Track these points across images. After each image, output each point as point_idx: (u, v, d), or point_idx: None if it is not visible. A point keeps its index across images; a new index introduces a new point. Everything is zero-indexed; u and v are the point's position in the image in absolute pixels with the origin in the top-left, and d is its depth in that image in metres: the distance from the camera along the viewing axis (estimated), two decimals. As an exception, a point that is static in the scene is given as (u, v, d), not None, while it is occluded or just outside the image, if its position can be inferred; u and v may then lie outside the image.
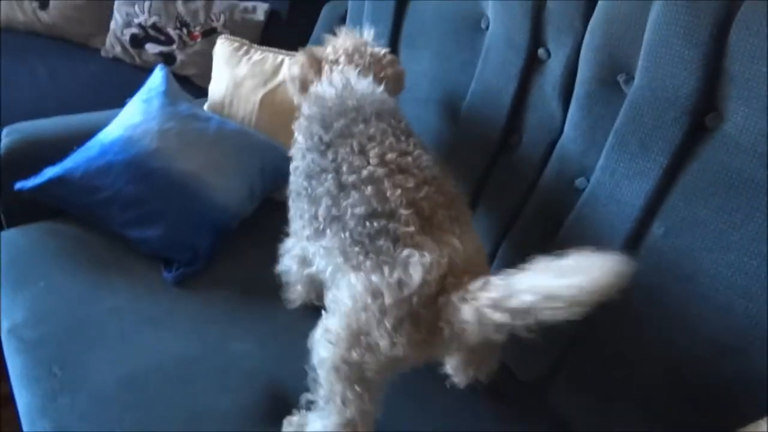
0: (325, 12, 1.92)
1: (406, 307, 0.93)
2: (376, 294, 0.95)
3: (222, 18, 2.00)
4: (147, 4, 2.01)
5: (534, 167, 1.34)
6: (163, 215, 1.45)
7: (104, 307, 1.32)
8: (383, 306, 0.94)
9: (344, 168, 1.05)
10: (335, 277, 1.04)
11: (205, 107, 1.74)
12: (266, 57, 1.74)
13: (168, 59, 2.03)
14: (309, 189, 1.11)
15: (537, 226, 1.32)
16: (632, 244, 1.15)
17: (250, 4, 2.02)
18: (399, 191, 1.01)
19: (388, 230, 0.97)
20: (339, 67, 1.29)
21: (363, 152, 1.06)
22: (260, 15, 2.01)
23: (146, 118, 1.52)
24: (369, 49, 1.33)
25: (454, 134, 1.50)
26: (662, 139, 1.09)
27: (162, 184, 1.45)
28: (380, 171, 1.03)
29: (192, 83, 2.03)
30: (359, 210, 1.00)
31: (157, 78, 1.63)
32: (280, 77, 1.70)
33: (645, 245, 1.13)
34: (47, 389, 1.15)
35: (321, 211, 1.06)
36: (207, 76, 1.93)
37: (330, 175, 1.07)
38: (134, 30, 2.03)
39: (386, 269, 0.95)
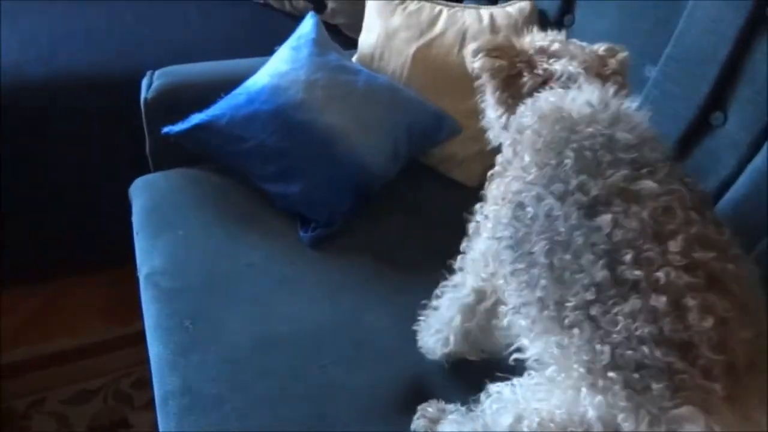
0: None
1: None
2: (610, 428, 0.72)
3: (377, -36, 1.87)
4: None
5: (740, 152, 1.11)
6: (304, 171, 1.37)
7: (240, 263, 1.27)
8: None
9: (623, 252, 0.75)
10: (557, 380, 0.79)
11: (354, 59, 1.63)
12: (423, 7, 1.59)
13: (318, 7, 1.94)
14: (545, 254, 0.81)
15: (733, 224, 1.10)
16: None
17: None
18: (710, 320, 0.70)
19: (673, 372, 0.69)
20: (556, 67, 0.99)
21: (657, 235, 0.75)
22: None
23: (294, 67, 1.43)
24: (578, 44, 1.05)
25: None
26: None
27: (305, 139, 1.37)
28: (684, 279, 0.72)
29: (341, 33, 1.93)
30: (638, 326, 0.71)
31: (307, 25, 1.54)
32: (437, 29, 1.55)
33: None
34: (179, 343, 1.11)
35: (570, 299, 0.77)
36: (357, 26, 1.81)
37: (596, 255, 0.76)
38: (286, -25, 1.96)
39: (645, 419, 0.69)
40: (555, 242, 0.80)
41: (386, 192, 1.46)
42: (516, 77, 1.02)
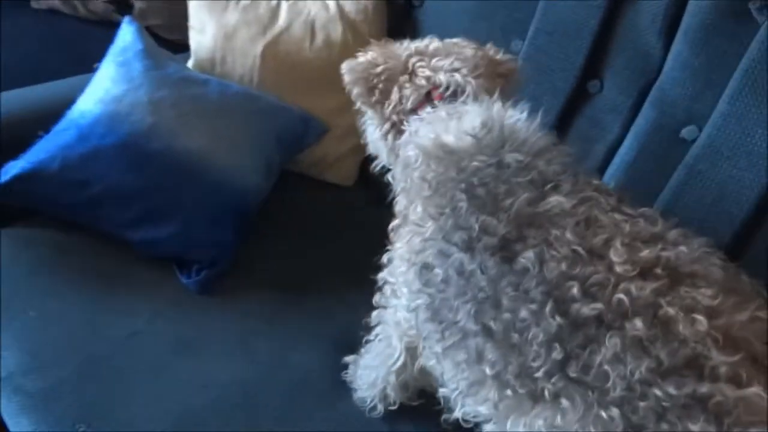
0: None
1: None
2: None
3: (186, -47, 1.65)
4: (88, -60, 1.62)
5: (622, 117, 1.14)
6: (173, 208, 1.16)
7: (120, 335, 1.05)
8: None
9: (567, 287, 0.64)
10: None
11: (189, 65, 1.42)
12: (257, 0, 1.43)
13: (123, 8, 1.66)
14: (474, 319, 0.69)
15: (630, 187, 1.15)
16: (767, 201, 0.99)
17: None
18: (700, 320, 0.60)
19: (701, 399, 0.57)
20: (440, 78, 0.90)
21: (593, 252, 0.65)
22: (233, -53, 1.67)
23: (130, 87, 1.20)
24: (464, 43, 0.96)
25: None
26: (813, 78, 0.92)
27: (166, 170, 1.16)
28: (647, 287, 0.62)
29: (157, 36, 1.68)
30: (632, 369, 0.60)
31: (128, 34, 1.29)
32: (280, 23, 1.40)
33: (785, 201, 0.98)
34: (79, 457, 0.89)
35: (536, 366, 0.64)
36: (174, 26, 1.60)
37: (537, 303, 0.64)
38: (76, -27, 1.64)
39: None
40: (480, 301, 0.69)
41: (263, 210, 1.31)
42: (393, 91, 0.93)
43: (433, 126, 0.84)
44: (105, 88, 1.20)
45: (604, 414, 0.61)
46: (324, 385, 1.02)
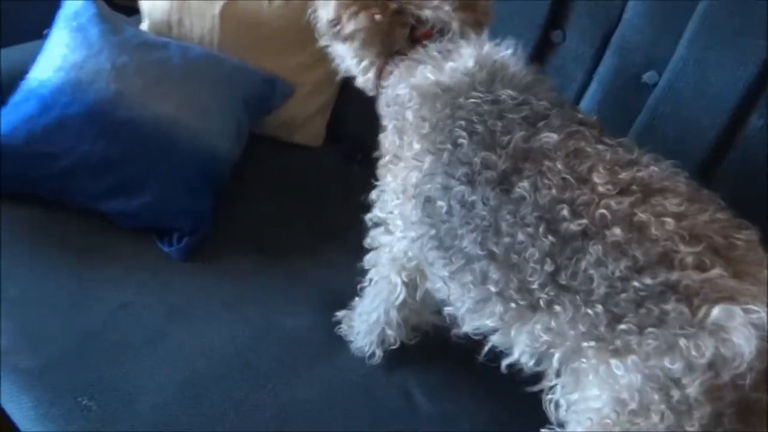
0: None
1: (728, 395, 0.64)
2: (667, 385, 0.65)
3: None
4: None
5: (585, 65, 1.19)
6: (147, 177, 1.14)
7: (110, 307, 1.04)
8: (685, 401, 0.64)
9: (557, 210, 0.71)
10: (569, 369, 0.73)
11: (144, 29, 1.37)
12: (211, -43, 1.38)
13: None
14: (479, 245, 0.75)
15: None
16: (725, 140, 1.06)
17: None
18: (669, 222, 0.68)
19: (673, 285, 0.66)
20: (426, 13, 0.90)
21: (580, 178, 0.72)
22: None
23: (90, 53, 1.16)
24: None
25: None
26: (766, 21, 0.98)
27: (137, 138, 1.13)
28: (625, 201, 0.70)
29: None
30: (612, 269, 0.68)
31: (78, -3, 1.24)
32: (237, -19, 1.36)
33: (741, 139, 1.05)
34: (84, 429, 0.89)
35: (533, 281, 0.72)
36: (121, -13, 1.52)
37: (533, 226, 0.72)
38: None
39: (684, 344, 0.64)
40: (483, 229, 0.75)
41: (236, 175, 1.30)
42: (386, 30, 0.92)
43: (426, 66, 0.87)
44: (62, 55, 1.15)
45: (590, 311, 0.69)
46: (318, 342, 1.05)
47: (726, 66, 1.03)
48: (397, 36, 0.93)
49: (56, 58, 1.16)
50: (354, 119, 1.40)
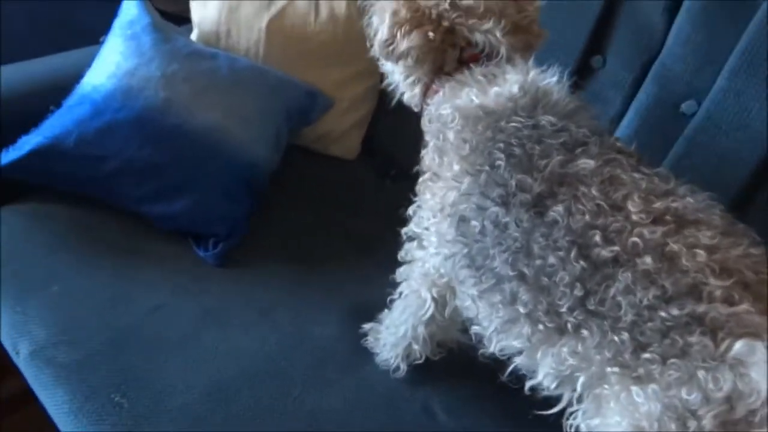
0: None
1: (741, 429, 0.64)
2: (685, 416, 0.65)
3: None
4: None
5: (624, 92, 1.19)
6: (190, 183, 1.18)
7: (145, 308, 1.07)
8: None
9: (590, 236, 0.72)
10: (592, 395, 0.74)
11: (194, 39, 1.42)
12: (262, -29, 1.43)
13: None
14: (510, 266, 0.77)
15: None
16: (763, 173, 1.05)
17: None
18: (701, 254, 0.69)
19: (699, 317, 0.66)
20: (477, 38, 0.90)
21: (615, 206, 0.73)
22: None
23: (141, 61, 1.20)
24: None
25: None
26: (809, 56, 0.98)
27: (182, 145, 1.17)
28: (658, 231, 0.71)
29: (155, 8, 1.66)
30: (640, 297, 0.68)
31: (133, 8, 1.29)
32: (285, -5, 1.40)
33: (778, 173, 1.05)
34: (117, 425, 0.92)
35: (562, 304, 0.73)
36: (173, -2, 1.58)
37: (564, 250, 0.73)
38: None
39: (703, 376, 0.64)
40: (515, 251, 0.76)
41: (272, 185, 1.33)
42: (437, 48, 0.93)
43: (471, 88, 0.88)
44: (115, 62, 1.20)
45: (616, 338, 0.70)
46: (346, 352, 1.06)
47: (766, 99, 1.02)
48: (448, 56, 0.94)
49: (110, 64, 1.21)
50: (388, 136, 1.42)
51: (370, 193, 1.40)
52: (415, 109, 1.02)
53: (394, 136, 1.44)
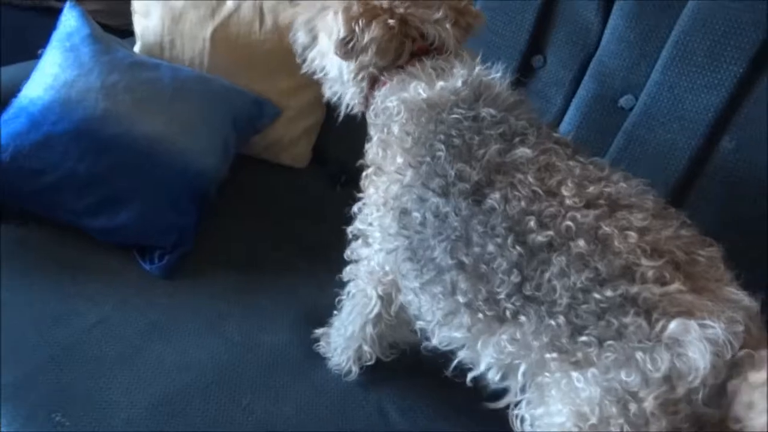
0: None
1: (683, 410, 0.64)
2: (625, 399, 0.65)
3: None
4: None
5: (564, 89, 1.21)
6: (133, 194, 1.16)
7: (88, 323, 1.04)
8: (642, 414, 0.65)
9: (525, 221, 0.73)
10: (533, 381, 0.74)
11: (136, 50, 1.40)
12: (203, -19, 1.42)
13: (58, -7, 1.61)
14: (449, 255, 0.77)
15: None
16: (698, 162, 1.08)
17: None
18: (632, 236, 0.70)
19: (633, 298, 0.67)
20: (428, 30, 0.91)
21: (549, 191, 0.74)
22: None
23: (81, 72, 1.18)
24: None
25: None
26: (736, 47, 1.01)
27: (124, 155, 1.15)
28: (590, 214, 0.71)
29: (98, 23, 1.63)
30: (574, 280, 0.69)
31: (72, 19, 1.27)
32: (229, 5, 1.39)
33: (713, 161, 1.07)
34: (57, 444, 0.89)
35: (500, 291, 0.73)
36: (116, 12, 1.57)
37: (501, 236, 0.73)
38: (6, -42, 1.57)
39: (641, 357, 0.65)
40: (454, 240, 0.77)
41: (221, 194, 1.31)
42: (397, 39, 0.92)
43: (420, 81, 0.88)
44: (53, 74, 1.18)
45: (552, 322, 0.70)
46: (297, 359, 1.05)
47: (699, 90, 1.05)
48: (405, 48, 0.93)
49: (48, 76, 1.18)
50: (338, 143, 1.42)
51: (321, 200, 1.39)
52: (358, 108, 1.01)
53: (344, 143, 1.43)
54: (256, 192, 1.38)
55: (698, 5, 1.03)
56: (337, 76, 1.00)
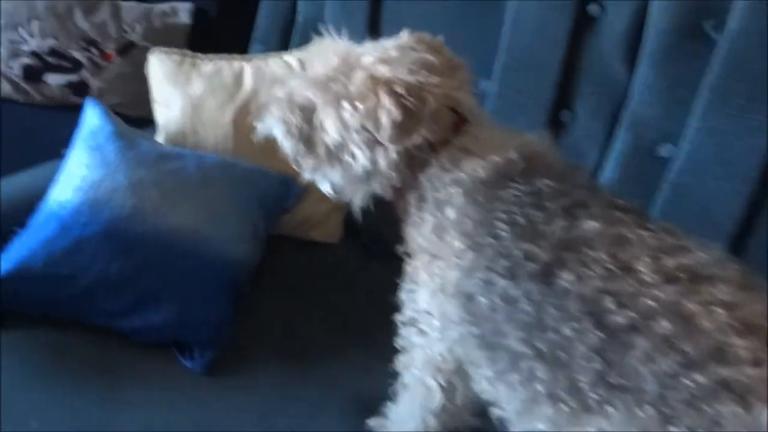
0: (266, 0, 1.61)
1: None
2: None
3: (138, 28, 1.61)
4: (36, 24, 1.57)
5: (598, 142, 1.19)
6: (166, 291, 1.12)
7: (138, 429, 1.00)
8: None
9: (602, 302, 0.68)
10: None
11: (160, 141, 1.39)
12: (220, 67, 1.42)
13: (80, 89, 1.61)
14: (524, 342, 0.72)
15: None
16: (752, 206, 1.04)
17: (167, 6, 1.65)
18: (719, 312, 0.65)
19: (726, 383, 0.61)
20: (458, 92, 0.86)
21: (625, 267, 0.69)
22: (185, 17, 1.65)
23: (107, 171, 1.17)
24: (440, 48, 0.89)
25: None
26: (779, 86, 0.98)
27: (154, 252, 1.12)
28: (670, 290, 0.67)
29: (118, 114, 1.64)
30: (661, 365, 0.64)
31: (94, 117, 1.26)
32: (247, 88, 1.39)
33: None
34: None
35: (583, 379, 0.68)
36: (136, 103, 1.57)
37: (578, 320, 0.69)
38: (26, 60, 1.58)
39: None
40: (528, 326, 0.72)
41: (256, 278, 1.28)
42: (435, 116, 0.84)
43: (473, 158, 0.83)
44: (81, 176, 1.17)
45: (641, 413, 0.64)
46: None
47: (743, 133, 1.02)
48: (446, 122, 0.86)
49: (75, 178, 1.17)
50: (370, 214, 1.39)
51: (359, 275, 1.35)
52: (388, 197, 0.93)
53: (376, 214, 1.41)
54: (291, 272, 1.35)
55: (729, 48, 1.00)
56: (366, 169, 0.87)
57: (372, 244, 1.36)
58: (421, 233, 0.87)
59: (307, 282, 1.33)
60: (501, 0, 1.22)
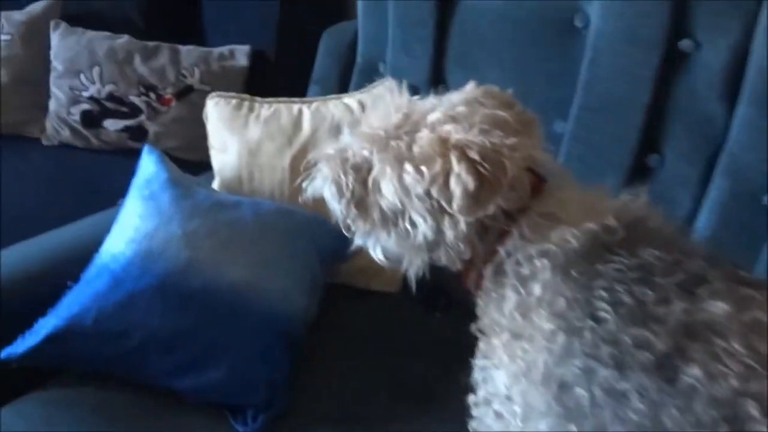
0: (325, 41, 1.58)
1: None
2: None
3: (196, 72, 1.61)
4: (96, 70, 1.58)
5: (691, 189, 1.07)
6: (221, 349, 1.06)
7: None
8: None
9: (742, 406, 0.58)
10: None
11: (215, 186, 1.35)
12: (278, 110, 1.38)
13: (137, 134, 1.61)
14: None
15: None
16: None
17: (225, 49, 1.64)
18: None
19: None
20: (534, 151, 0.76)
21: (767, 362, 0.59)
22: (242, 59, 1.63)
23: (161, 222, 1.12)
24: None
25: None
26: None
27: (210, 308, 1.06)
28: None
29: (174, 158, 1.63)
30: None
31: (150, 164, 1.23)
32: (305, 131, 1.34)
33: None
34: None
35: None
36: (194, 147, 1.55)
37: (710, 427, 0.59)
38: (86, 106, 1.59)
39: None
40: (641, 427, 0.62)
41: (314, 328, 1.20)
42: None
43: (563, 225, 0.72)
44: (134, 226, 1.12)
45: None
46: None
47: None
48: (524, 185, 0.75)
49: (129, 229, 1.13)
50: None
51: (419, 330, 1.25)
52: (456, 269, 0.83)
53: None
54: (349, 323, 1.27)
55: None
56: (427, 239, 0.78)
57: (432, 294, 1.26)
58: (499, 310, 0.76)
59: (366, 335, 1.24)
60: (579, 30, 1.13)
